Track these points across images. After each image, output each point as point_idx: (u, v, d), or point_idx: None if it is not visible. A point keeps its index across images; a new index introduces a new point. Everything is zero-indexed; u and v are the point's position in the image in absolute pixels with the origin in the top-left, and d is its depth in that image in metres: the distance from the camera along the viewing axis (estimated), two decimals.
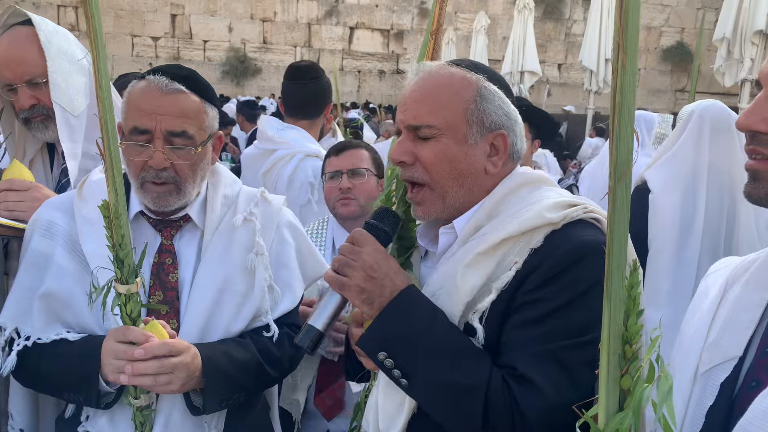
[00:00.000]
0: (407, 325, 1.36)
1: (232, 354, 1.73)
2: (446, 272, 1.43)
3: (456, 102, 1.45)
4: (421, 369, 1.34)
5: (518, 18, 12.37)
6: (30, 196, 1.93)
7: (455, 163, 1.44)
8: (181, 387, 1.62)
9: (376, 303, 1.38)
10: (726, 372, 1.16)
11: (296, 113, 3.39)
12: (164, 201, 1.73)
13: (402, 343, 1.36)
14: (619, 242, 0.89)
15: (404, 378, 1.35)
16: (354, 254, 1.40)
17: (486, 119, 1.46)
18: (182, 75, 1.72)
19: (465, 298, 1.37)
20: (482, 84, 1.47)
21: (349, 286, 1.39)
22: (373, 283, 1.38)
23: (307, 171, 3.16)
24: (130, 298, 1.56)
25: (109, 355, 1.58)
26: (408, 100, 1.48)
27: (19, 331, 1.70)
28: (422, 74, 1.50)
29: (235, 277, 1.79)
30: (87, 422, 1.73)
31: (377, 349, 1.37)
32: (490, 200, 1.47)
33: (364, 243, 1.43)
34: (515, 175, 1.51)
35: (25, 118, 2.13)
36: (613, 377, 0.93)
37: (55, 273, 1.71)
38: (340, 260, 1.41)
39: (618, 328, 0.93)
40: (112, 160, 1.46)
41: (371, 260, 1.39)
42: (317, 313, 1.45)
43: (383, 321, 1.37)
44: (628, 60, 0.84)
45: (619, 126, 0.86)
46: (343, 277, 1.39)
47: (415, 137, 1.46)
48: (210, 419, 1.77)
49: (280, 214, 1.95)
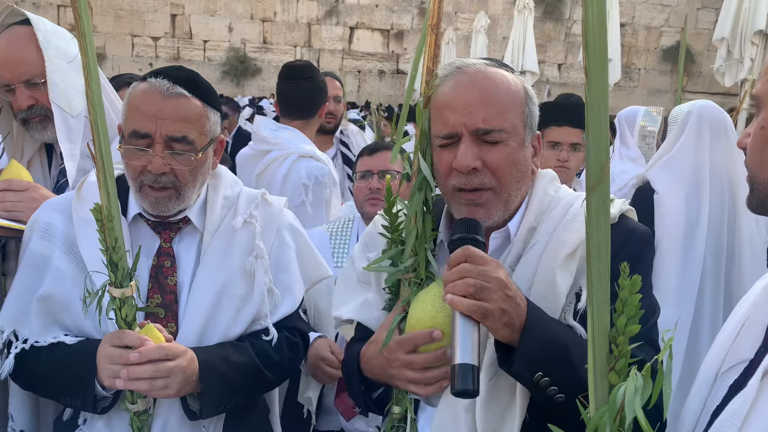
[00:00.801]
0: (552, 339, 1.29)
1: (230, 357, 1.72)
2: (528, 275, 1.41)
3: (517, 104, 1.44)
4: (578, 378, 1.25)
5: (518, 18, 12.35)
6: (28, 196, 1.92)
7: (519, 166, 1.45)
8: (178, 391, 1.60)
9: (517, 323, 1.27)
10: (737, 374, 1.16)
11: (290, 113, 3.35)
12: (163, 206, 1.71)
13: (555, 359, 1.27)
14: (597, 246, 0.93)
15: (561, 393, 1.27)
16: (483, 275, 1.25)
17: (533, 121, 1.48)
18: (184, 78, 1.70)
19: (562, 300, 1.38)
20: (527, 86, 1.49)
21: (492, 311, 1.24)
22: (511, 302, 1.26)
23: (301, 172, 3.13)
24: (125, 301, 1.54)
25: (105, 360, 1.56)
26: (472, 102, 1.39)
27: (17, 333, 1.69)
28: (473, 73, 1.43)
29: (234, 281, 1.77)
30: (84, 426, 1.73)
31: (533, 371, 1.27)
32: (534, 201, 1.49)
33: (484, 261, 1.28)
34: (541, 175, 1.55)
35: (23, 119, 2.13)
36: (600, 373, 0.98)
37: (53, 275, 1.70)
38: (473, 284, 1.24)
39: (603, 329, 0.97)
40: (104, 162, 1.44)
41: (504, 278, 1.26)
42: (461, 349, 1.23)
43: (531, 340, 1.27)
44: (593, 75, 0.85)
45: (592, 137, 0.88)
46: (483, 302, 1.24)
47: (480, 141, 1.40)
48: (208, 423, 1.76)
49: (281, 216, 1.93)
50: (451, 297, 1.25)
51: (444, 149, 1.44)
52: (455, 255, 1.30)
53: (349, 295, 1.69)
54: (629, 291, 0.98)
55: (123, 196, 1.78)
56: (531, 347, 1.27)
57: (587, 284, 0.95)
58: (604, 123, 0.88)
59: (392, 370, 1.40)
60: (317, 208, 3.13)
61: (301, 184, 3.09)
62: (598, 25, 0.84)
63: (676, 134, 3.17)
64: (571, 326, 1.38)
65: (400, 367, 1.39)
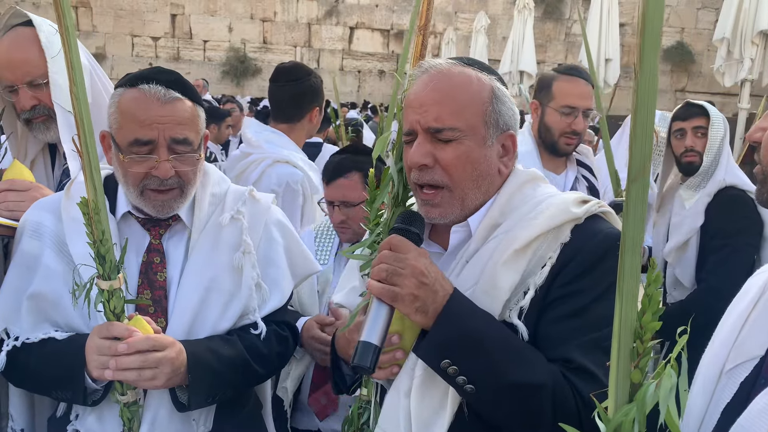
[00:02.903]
0: (468, 329, 1.31)
1: (218, 350, 1.73)
2: (477, 270, 1.42)
3: (476, 103, 1.44)
4: (489, 373, 1.30)
5: (518, 18, 12.36)
6: (30, 196, 1.93)
7: (476, 165, 1.44)
8: (166, 382, 1.62)
9: (430, 310, 1.31)
10: (747, 371, 1.15)
11: (276, 116, 3.29)
12: (168, 207, 1.74)
13: (466, 349, 1.30)
14: (632, 239, 0.91)
15: (470, 384, 1.30)
16: (399, 261, 1.32)
17: (500, 120, 1.47)
18: (173, 80, 1.72)
19: (504, 296, 1.37)
20: (495, 85, 1.48)
21: (402, 295, 1.30)
22: (425, 289, 1.31)
23: (272, 177, 3.04)
24: (113, 294, 1.56)
25: (93, 352, 1.58)
26: (426, 101, 1.43)
27: (9, 331, 1.71)
28: (435, 73, 1.46)
29: (222, 276, 1.79)
30: (77, 421, 1.74)
31: (440, 357, 1.31)
32: (501, 198, 1.48)
33: (405, 249, 1.35)
34: (518, 174, 1.53)
35: (26, 119, 2.14)
36: (623, 371, 0.95)
37: (43, 274, 1.72)
38: (386, 269, 1.32)
39: (630, 324, 0.94)
40: (90, 157, 1.46)
41: (420, 266, 1.31)
42: (369, 328, 1.31)
43: (442, 327, 1.31)
44: (646, 61, 0.82)
45: (637, 128, 0.86)
46: (394, 286, 1.31)
47: (434, 139, 1.43)
48: (198, 416, 1.77)
49: (269, 213, 1.95)
50: (368, 280, 1.35)
51: (407, 146, 1.49)
52: (382, 243, 1.39)
53: (345, 281, 1.80)
54: (653, 286, 0.95)
55: (112, 194, 1.80)
56: (439, 334, 1.31)
57: (618, 277, 0.93)
58: (651, 112, 0.85)
59: (351, 350, 1.44)
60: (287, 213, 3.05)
61: (270, 189, 2.94)
62: (655, 6, 0.82)
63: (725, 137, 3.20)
64: (515, 325, 1.37)
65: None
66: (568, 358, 1.32)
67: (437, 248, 1.56)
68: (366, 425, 1.70)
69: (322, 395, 2.39)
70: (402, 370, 1.43)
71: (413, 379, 1.41)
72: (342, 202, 2.45)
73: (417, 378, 1.40)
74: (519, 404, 1.30)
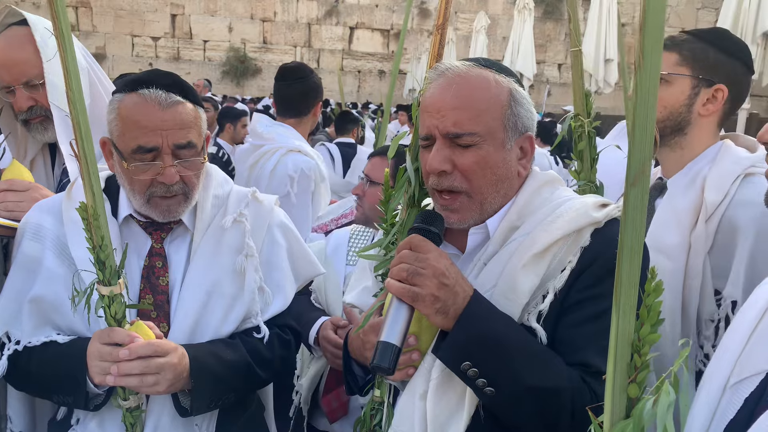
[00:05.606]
0: (489, 331, 1.30)
1: (221, 354, 1.72)
2: (495, 273, 1.41)
3: (495, 107, 1.42)
4: (510, 375, 1.29)
5: (518, 18, 12.35)
6: (29, 196, 1.92)
7: (495, 169, 1.43)
8: (168, 387, 1.61)
9: (451, 311, 1.30)
10: (752, 386, 1.11)
11: (284, 112, 3.59)
12: (174, 212, 1.73)
13: (487, 351, 1.29)
14: (630, 248, 0.86)
15: (490, 386, 1.29)
16: (420, 261, 1.31)
17: (518, 123, 1.45)
18: (172, 83, 1.69)
19: (524, 300, 1.36)
20: (513, 86, 1.46)
21: (423, 296, 1.28)
22: (446, 290, 1.29)
23: (288, 165, 3.37)
24: (113, 299, 1.54)
25: (95, 357, 1.57)
26: (444, 106, 1.40)
27: (10, 335, 1.70)
28: (452, 77, 1.43)
29: (224, 280, 1.78)
30: (77, 425, 1.73)
31: (460, 360, 1.30)
32: (519, 200, 1.47)
33: (426, 249, 1.33)
34: (536, 176, 1.52)
35: (24, 120, 2.13)
36: (620, 385, 0.92)
37: (44, 277, 1.71)
38: (406, 269, 1.30)
39: (627, 336, 0.90)
40: (87, 161, 1.44)
41: (441, 266, 1.30)
42: (388, 328, 1.30)
43: (463, 329, 1.30)
44: (647, 60, 0.79)
45: (636, 128, 0.82)
46: (414, 286, 1.29)
47: (452, 144, 1.41)
48: (201, 421, 1.76)
49: (272, 215, 1.93)
50: (388, 280, 1.33)
51: (425, 150, 1.47)
52: (401, 243, 1.37)
53: (357, 282, 1.82)
54: (653, 296, 0.91)
55: (113, 197, 1.79)
56: (460, 336, 1.30)
57: (615, 287, 0.89)
58: (652, 111, 0.81)
59: (366, 352, 1.43)
60: (302, 198, 3.36)
61: (287, 175, 3.35)
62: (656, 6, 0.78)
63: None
64: (533, 328, 1.36)
65: (371, 350, 1.40)
66: (587, 363, 1.32)
67: (453, 250, 1.54)
68: (378, 426, 1.69)
69: (334, 398, 2.39)
70: (418, 372, 1.42)
71: (430, 381, 1.39)
72: (367, 176, 2.59)
73: (434, 380, 1.38)
74: (538, 407, 1.29)
